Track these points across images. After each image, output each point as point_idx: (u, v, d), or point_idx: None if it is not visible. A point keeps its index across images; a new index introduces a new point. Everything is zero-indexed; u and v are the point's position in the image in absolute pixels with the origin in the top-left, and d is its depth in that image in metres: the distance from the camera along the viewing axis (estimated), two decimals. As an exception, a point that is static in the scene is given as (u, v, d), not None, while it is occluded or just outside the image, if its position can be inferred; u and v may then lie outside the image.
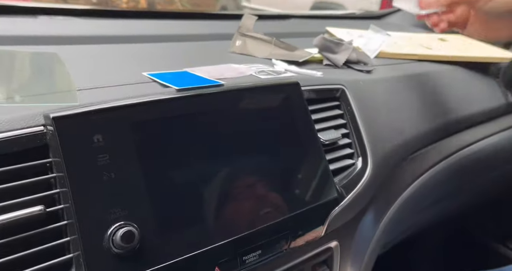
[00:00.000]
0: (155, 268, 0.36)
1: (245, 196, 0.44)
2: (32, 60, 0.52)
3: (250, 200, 0.45)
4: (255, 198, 0.45)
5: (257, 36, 0.73)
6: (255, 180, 0.46)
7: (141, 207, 0.37)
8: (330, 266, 0.58)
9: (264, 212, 0.46)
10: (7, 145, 0.34)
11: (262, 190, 0.46)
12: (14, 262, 0.32)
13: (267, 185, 0.46)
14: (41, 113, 0.36)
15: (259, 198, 0.45)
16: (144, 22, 0.90)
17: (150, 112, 0.40)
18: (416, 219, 1.00)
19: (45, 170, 0.36)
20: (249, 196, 0.45)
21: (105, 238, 0.34)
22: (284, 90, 0.52)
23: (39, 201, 0.34)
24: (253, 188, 0.45)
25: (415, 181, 0.80)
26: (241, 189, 0.44)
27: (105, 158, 0.36)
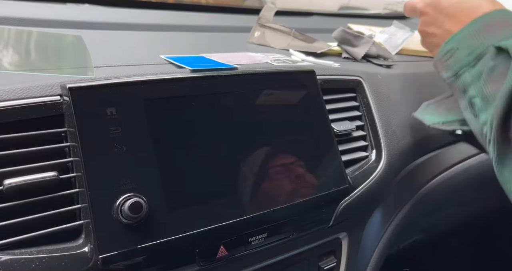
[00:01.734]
0: (161, 241, 0.37)
1: (253, 178, 0.45)
2: (57, 40, 0.54)
3: (258, 182, 0.45)
4: (263, 181, 0.45)
5: (276, 27, 0.73)
6: (264, 163, 0.46)
7: (150, 181, 0.38)
8: (337, 257, 0.57)
9: (273, 195, 0.46)
10: (25, 112, 0.35)
11: (271, 173, 0.46)
12: (27, 224, 0.33)
13: (275, 169, 0.46)
14: (58, 84, 0.37)
15: (267, 181, 0.45)
16: (166, 13, 0.91)
17: (163, 89, 0.41)
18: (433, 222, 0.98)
19: (60, 139, 0.37)
20: (258, 179, 0.45)
21: (114, 208, 0.35)
22: (299, 77, 0.52)
23: (53, 168, 0.35)
24: (262, 171, 0.45)
25: (431, 181, 0.78)
26: (250, 171, 0.44)
27: (117, 131, 0.37)
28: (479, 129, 0.44)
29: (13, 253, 0.32)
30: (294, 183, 0.48)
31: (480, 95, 0.43)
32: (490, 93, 0.42)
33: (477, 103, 0.44)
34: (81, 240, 0.35)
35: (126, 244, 0.35)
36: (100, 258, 0.34)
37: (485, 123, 0.43)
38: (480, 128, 0.44)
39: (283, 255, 0.51)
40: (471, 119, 0.46)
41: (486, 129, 0.42)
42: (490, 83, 0.42)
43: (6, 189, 0.32)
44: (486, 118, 0.42)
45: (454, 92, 0.50)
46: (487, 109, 0.42)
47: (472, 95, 0.45)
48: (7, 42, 0.51)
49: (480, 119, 0.44)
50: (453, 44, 0.48)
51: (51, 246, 0.34)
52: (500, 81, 0.41)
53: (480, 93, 0.43)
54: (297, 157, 0.48)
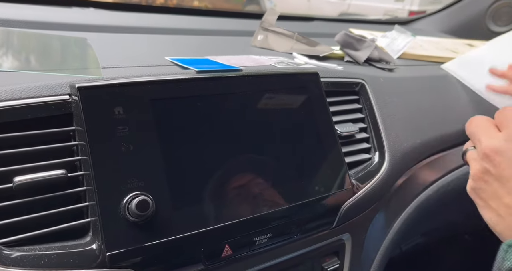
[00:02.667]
0: (167, 239, 0.37)
1: (258, 179, 0.45)
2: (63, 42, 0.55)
3: (263, 182, 0.45)
4: (268, 181, 0.46)
5: (278, 31, 0.74)
6: (268, 164, 0.46)
7: (156, 180, 0.38)
8: (341, 259, 0.57)
9: (277, 196, 0.46)
10: (34, 110, 0.36)
11: (275, 173, 0.46)
12: (35, 221, 0.33)
13: (280, 169, 0.47)
14: (67, 84, 0.38)
15: (272, 181, 0.46)
16: (169, 17, 0.92)
17: (170, 90, 0.41)
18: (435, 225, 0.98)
19: (68, 138, 0.37)
20: (262, 179, 0.45)
21: (121, 206, 0.36)
22: (303, 79, 0.53)
23: (61, 166, 0.36)
24: (266, 171, 0.46)
25: (434, 184, 0.79)
26: (255, 171, 0.45)
27: (124, 130, 0.38)
28: None
29: (23, 250, 0.32)
30: (298, 184, 0.48)
31: None
32: None
33: None
34: (89, 238, 0.35)
35: (133, 242, 0.36)
36: (107, 255, 0.34)
37: None
38: None
39: (287, 255, 0.51)
40: None
41: None
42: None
43: (16, 186, 0.33)
44: None
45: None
46: None
47: None
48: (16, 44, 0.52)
49: None
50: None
51: (60, 243, 0.34)
52: None
53: None
54: (301, 158, 0.49)
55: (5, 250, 0.32)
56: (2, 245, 0.32)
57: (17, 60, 0.44)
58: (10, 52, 0.48)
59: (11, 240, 0.32)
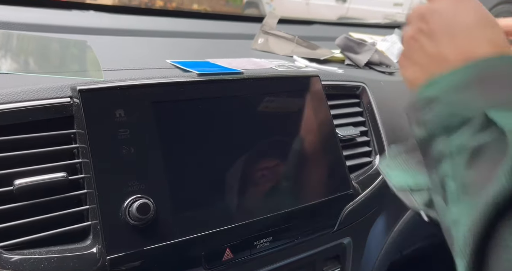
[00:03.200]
0: (168, 242, 0.37)
1: (259, 182, 0.45)
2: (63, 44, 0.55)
3: (264, 186, 0.45)
4: (269, 185, 0.45)
5: (279, 34, 0.74)
6: (269, 168, 0.46)
7: (157, 183, 0.38)
8: (342, 262, 0.57)
9: (278, 199, 0.46)
10: (35, 113, 0.35)
11: (276, 177, 0.46)
12: (36, 224, 0.33)
13: (281, 173, 0.47)
14: (69, 86, 0.38)
15: (272, 185, 0.46)
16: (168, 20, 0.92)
17: (171, 92, 0.41)
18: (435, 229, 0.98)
19: (69, 140, 0.37)
20: (263, 182, 0.45)
21: (122, 209, 0.35)
22: (304, 82, 0.53)
23: (62, 168, 0.36)
24: (267, 175, 0.46)
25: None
26: (255, 174, 0.45)
27: (125, 133, 0.37)
28: (447, 226, 0.32)
29: (23, 253, 0.32)
30: (299, 187, 0.48)
31: (457, 180, 0.31)
32: (471, 182, 0.30)
33: (451, 187, 0.32)
34: (89, 241, 0.35)
35: (133, 245, 0.35)
36: (108, 259, 0.34)
37: (455, 222, 0.30)
38: (449, 225, 0.31)
39: (288, 259, 0.51)
40: (439, 205, 0.33)
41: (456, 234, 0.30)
42: (474, 168, 0.30)
43: (17, 189, 0.33)
44: (457, 216, 0.30)
45: (425, 157, 0.36)
46: (460, 202, 0.30)
47: (447, 173, 0.32)
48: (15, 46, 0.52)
49: (450, 212, 0.31)
50: (435, 91, 0.34)
51: (60, 246, 0.34)
52: (486, 170, 0.29)
53: (457, 177, 0.31)
54: (302, 161, 0.49)
55: (5, 254, 0.31)
56: (2, 249, 0.32)
57: (16, 63, 0.44)
58: (9, 54, 0.48)
59: (11, 243, 0.32)
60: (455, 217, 0.31)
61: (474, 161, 0.30)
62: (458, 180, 0.31)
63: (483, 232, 0.27)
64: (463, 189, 0.31)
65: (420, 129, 0.35)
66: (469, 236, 0.28)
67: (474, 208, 0.28)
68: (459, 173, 0.31)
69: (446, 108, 0.33)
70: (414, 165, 0.41)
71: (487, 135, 0.30)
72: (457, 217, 0.30)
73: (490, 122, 0.30)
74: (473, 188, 0.30)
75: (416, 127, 0.35)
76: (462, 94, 0.33)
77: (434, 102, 0.34)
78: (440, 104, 0.33)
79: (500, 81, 0.32)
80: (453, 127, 0.32)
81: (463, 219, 0.29)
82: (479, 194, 0.29)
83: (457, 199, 0.31)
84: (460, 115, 0.32)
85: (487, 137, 0.30)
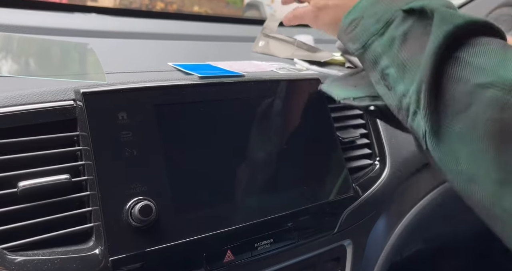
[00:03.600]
0: (169, 244, 0.37)
1: (260, 184, 0.45)
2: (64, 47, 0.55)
3: (265, 188, 0.45)
4: (269, 187, 0.46)
5: (280, 37, 0.75)
6: (270, 169, 0.46)
7: (159, 185, 0.38)
8: (342, 264, 0.57)
9: (279, 201, 0.46)
10: (39, 116, 0.36)
11: (276, 179, 0.46)
12: (38, 226, 0.33)
13: (281, 175, 0.47)
14: (72, 89, 0.38)
15: (273, 187, 0.46)
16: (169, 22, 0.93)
17: (173, 95, 0.42)
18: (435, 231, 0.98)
19: (72, 143, 0.38)
20: (264, 185, 0.45)
21: (124, 211, 0.36)
22: (305, 85, 0.53)
23: (65, 171, 0.36)
24: (268, 177, 0.46)
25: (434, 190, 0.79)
26: (256, 176, 0.45)
27: (128, 135, 0.38)
28: (397, 103, 0.38)
29: (26, 254, 0.32)
30: (299, 189, 0.48)
31: (395, 64, 0.38)
32: (407, 60, 0.37)
33: (391, 74, 0.39)
34: (92, 242, 0.35)
35: (136, 247, 0.36)
36: (110, 260, 0.34)
37: (404, 94, 0.37)
38: (399, 101, 0.38)
39: (288, 261, 0.51)
40: (385, 93, 0.40)
41: (407, 101, 0.36)
42: (405, 50, 0.37)
43: (20, 191, 0.33)
44: (405, 88, 0.37)
45: (365, 65, 0.43)
46: (404, 78, 0.37)
47: (385, 65, 0.39)
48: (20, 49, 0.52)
49: (397, 91, 0.38)
50: (357, 13, 0.42)
51: (63, 248, 0.34)
52: (417, 46, 0.36)
53: (394, 62, 0.38)
54: (302, 164, 0.49)
55: (9, 255, 0.32)
56: (6, 250, 0.32)
57: (17, 65, 0.45)
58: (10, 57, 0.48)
59: (14, 244, 0.32)
60: (401, 91, 0.37)
61: (404, 44, 0.38)
62: (396, 64, 0.38)
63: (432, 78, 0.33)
64: (403, 68, 0.37)
65: (353, 44, 0.43)
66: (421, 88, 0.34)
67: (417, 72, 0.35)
68: (395, 59, 0.38)
69: (369, 20, 0.41)
70: (349, 86, 0.49)
71: (408, 22, 0.38)
72: (404, 90, 0.37)
73: (407, 14, 0.38)
74: (410, 63, 0.37)
75: (350, 44, 0.43)
76: (378, 6, 0.41)
77: (359, 20, 0.42)
78: (364, 19, 0.42)
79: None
80: (380, 31, 0.40)
81: (411, 86, 0.36)
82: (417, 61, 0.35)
83: (400, 78, 0.38)
84: (383, 19, 0.40)
85: (408, 23, 0.38)
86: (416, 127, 0.35)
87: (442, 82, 0.33)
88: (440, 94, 0.33)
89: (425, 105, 0.34)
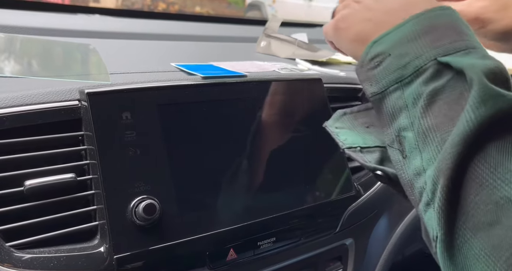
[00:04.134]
0: (173, 242, 0.38)
1: (262, 183, 0.45)
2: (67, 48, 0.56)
3: (267, 187, 0.46)
4: (272, 186, 0.46)
5: (281, 37, 0.75)
6: (272, 168, 0.47)
7: (163, 184, 0.39)
8: (344, 263, 0.58)
9: (281, 200, 0.47)
10: (45, 115, 0.36)
11: (279, 178, 0.47)
12: (45, 224, 0.34)
13: (284, 174, 0.47)
14: (77, 89, 0.38)
15: (276, 186, 0.46)
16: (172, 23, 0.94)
17: (176, 95, 0.42)
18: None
19: (77, 142, 0.38)
20: (267, 184, 0.46)
21: (128, 209, 0.36)
22: (306, 85, 0.53)
23: (71, 170, 0.36)
24: (271, 176, 0.46)
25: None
26: (259, 175, 0.45)
27: (132, 135, 0.38)
28: (408, 179, 0.31)
29: (33, 252, 0.33)
30: (302, 189, 0.48)
31: (415, 129, 0.31)
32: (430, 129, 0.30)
33: (408, 139, 0.31)
34: (97, 241, 0.36)
35: (140, 245, 0.36)
36: (115, 258, 0.34)
37: (419, 173, 0.30)
38: (410, 178, 0.31)
39: (290, 260, 0.52)
40: (398, 161, 0.33)
41: (421, 184, 0.29)
42: (431, 115, 0.30)
43: (27, 190, 0.34)
44: (421, 166, 0.30)
45: (379, 116, 0.35)
46: (423, 151, 0.30)
47: (403, 126, 0.32)
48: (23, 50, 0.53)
49: (411, 165, 0.31)
50: (384, 47, 0.34)
51: (68, 245, 0.35)
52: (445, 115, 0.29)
53: (414, 126, 0.31)
54: (305, 163, 0.49)
55: (16, 253, 0.32)
56: (13, 248, 0.32)
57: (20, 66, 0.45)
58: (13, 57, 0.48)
59: (22, 242, 0.33)
60: (417, 167, 0.30)
61: (430, 106, 0.30)
62: (416, 130, 0.31)
63: (453, 173, 0.26)
64: (423, 137, 0.30)
65: (371, 86, 0.34)
66: (438, 179, 0.27)
67: (438, 153, 0.28)
68: (416, 122, 0.31)
69: (396, 61, 0.33)
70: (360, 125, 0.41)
71: (442, 79, 0.30)
72: (420, 167, 0.30)
73: (442, 67, 0.31)
74: (433, 134, 0.29)
75: (367, 84, 0.35)
76: (410, 45, 0.32)
77: (383, 57, 0.34)
78: (390, 58, 0.33)
79: (445, 29, 0.32)
80: (406, 79, 0.32)
81: (429, 167, 0.29)
82: (441, 138, 0.29)
83: (418, 149, 0.30)
84: (411, 66, 0.32)
85: (441, 81, 0.30)
86: (426, 221, 0.29)
87: (465, 182, 0.26)
88: (460, 197, 0.26)
89: (441, 206, 0.27)
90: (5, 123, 0.35)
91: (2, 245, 0.32)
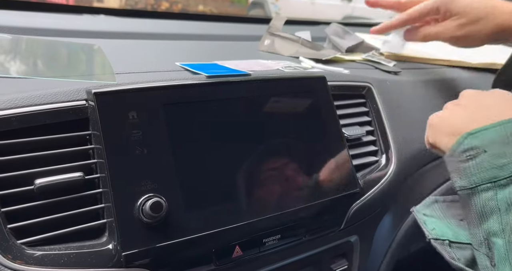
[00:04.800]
0: (179, 240, 0.38)
1: (267, 181, 0.46)
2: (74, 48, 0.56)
3: (272, 185, 0.46)
4: (277, 184, 0.46)
5: (284, 36, 0.75)
6: (277, 167, 0.47)
7: (169, 182, 0.39)
8: (349, 260, 0.58)
9: (286, 198, 0.47)
10: (53, 115, 0.37)
11: (284, 176, 0.47)
12: (53, 222, 0.35)
13: (289, 172, 0.48)
14: (84, 89, 0.39)
15: (281, 183, 0.47)
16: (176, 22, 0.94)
17: (182, 94, 0.43)
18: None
19: (85, 141, 0.39)
20: (272, 181, 0.46)
21: (135, 207, 0.37)
22: (310, 83, 0.54)
23: (79, 168, 0.37)
24: (276, 174, 0.47)
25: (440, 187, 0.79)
26: (264, 173, 0.46)
27: (138, 134, 0.39)
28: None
29: (44, 249, 0.33)
30: (307, 186, 0.49)
31: (506, 237, 0.29)
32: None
33: (498, 246, 0.29)
34: (105, 238, 0.37)
35: (147, 242, 0.37)
36: (123, 255, 0.35)
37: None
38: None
39: (295, 257, 0.52)
40: (484, 266, 0.30)
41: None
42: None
43: (37, 188, 0.34)
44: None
45: (466, 211, 0.33)
46: None
47: (494, 230, 0.30)
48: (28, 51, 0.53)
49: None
50: (479, 142, 0.32)
51: (78, 243, 0.35)
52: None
53: (506, 234, 0.29)
54: (309, 161, 0.50)
55: (28, 250, 0.33)
56: (25, 245, 0.33)
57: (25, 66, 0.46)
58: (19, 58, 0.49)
59: (33, 240, 0.34)
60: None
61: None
62: (507, 239, 0.29)
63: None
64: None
65: (460, 178, 0.33)
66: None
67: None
68: (508, 230, 0.29)
69: (492, 159, 0.31)
70: (453, 216, 0.39)
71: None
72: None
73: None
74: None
75: (456, 176, 0.34)
76: (510, 147, 0.31)
77: (477, 152, 0.32)
78: (485, 155, 0.32)
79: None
80: (501, 181, 0.30)
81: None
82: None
83: (507, 260, 0.28)
84: (509, 169, 0.30)
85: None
86: None
87: None
88: None
89: None
90: (14, 124, 0.36)
91: (14, 242, 0.33)
